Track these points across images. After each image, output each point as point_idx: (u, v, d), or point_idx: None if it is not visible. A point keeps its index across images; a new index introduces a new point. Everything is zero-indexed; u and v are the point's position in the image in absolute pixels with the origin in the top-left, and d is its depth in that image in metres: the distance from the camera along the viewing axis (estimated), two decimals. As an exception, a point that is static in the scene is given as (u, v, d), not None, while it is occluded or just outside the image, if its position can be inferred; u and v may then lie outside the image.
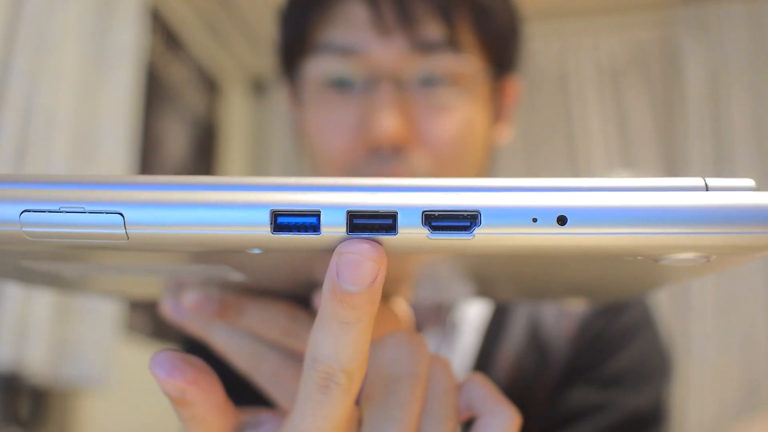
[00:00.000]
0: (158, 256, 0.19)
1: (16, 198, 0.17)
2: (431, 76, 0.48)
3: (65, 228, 0.17)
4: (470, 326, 0.52)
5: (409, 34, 0.47)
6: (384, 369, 0.24)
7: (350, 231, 0.17)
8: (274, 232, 0.17)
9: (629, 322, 0.52)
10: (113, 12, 1.49)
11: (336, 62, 0.48)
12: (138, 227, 0.17)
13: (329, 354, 0.19)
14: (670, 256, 0.17)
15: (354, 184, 0.17)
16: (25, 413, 1.30)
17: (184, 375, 0.22)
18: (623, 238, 0.17)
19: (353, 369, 0.20)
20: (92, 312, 1.34)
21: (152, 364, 0.23)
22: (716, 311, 1.93)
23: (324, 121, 0.50)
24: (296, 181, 0.17)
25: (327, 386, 0.20)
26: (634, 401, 0.49)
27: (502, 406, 0.25)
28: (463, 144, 0.49)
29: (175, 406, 0.23)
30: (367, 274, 0.17)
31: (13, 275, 0.27)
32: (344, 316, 0.18)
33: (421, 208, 0.17)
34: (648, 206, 0.16)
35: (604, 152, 2.12)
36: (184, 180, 0.17)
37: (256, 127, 2.44)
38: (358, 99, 0.48)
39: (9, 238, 0.17)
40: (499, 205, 0.17)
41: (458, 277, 0.25)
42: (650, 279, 0.23)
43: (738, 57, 2.04)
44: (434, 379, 0.24)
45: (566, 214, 0.17)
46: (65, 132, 1.30)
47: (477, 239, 0.17)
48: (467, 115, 0.49)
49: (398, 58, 0.47)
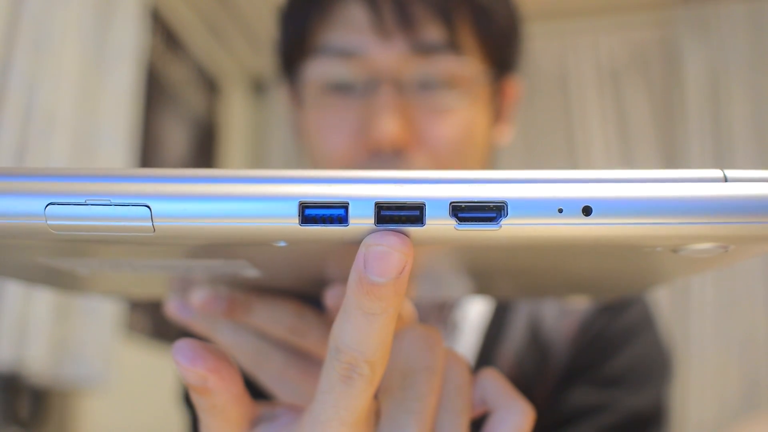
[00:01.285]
0: (179, 250, 0.19)
1: (41, 191, 0.17)
2: (431, 79, 0.48)
3: (91, 221, 0.17)
4: (471, 325, 0.52)
5: (409, 37, 0.47)
6: (402, 362, 0.24)
7: (378, 223, 0.17)
8: (302, 224, 0.17)
9: (630, 322, 0.52)
10: (113, 12, 1.49)
11: (336, 65, 0.48)
12: (165, 219, 0.17)
13: (353, 344, 0.19)
14: (689, 246, 0.18)
15: (382, 176, 0.18)
16: (25, 413, 1.30)
17: (206, 363, 0.22)
18: (646, 228, 0.17)
19: (376, 360, 0.20)
20: (92, 312, 1.34)
21: (175, 352, 0.23)
22: (716, 311, 1.93)
23: (324, 123, 0.50)
24: (324, 174, 0.18)
25: (350, 377, 0.20)
26: (634, 401, 0.49)
27: (516, 400, 0.25)
28: (463, 146, 0.49)
29: (195, 395, 0.23)
30: (395, 265, 0.17)
31: (24, 274, 0.27)
32: (370, 307, 0.18)
33: (448, 199, 0.17)
34: (670, 197, 0.17)
35: (604, 152, 2.12)
36: (211, 173, 0.18)
37: (256, 127, 2.44)
38: (359, 101, 0.48)
39: (33, 232, 0.17)
40: (525, 196, 0.17)
41: (464, 273, 0.25)
42: (665, 271, 0.23)
43: (738, 57, 2.04)
44: (450, 373, 0.25)
45: (591, 205, 0.17)
46: (65, 132, 1.30)
47: (503, 230, 0.17)
48: (467, 117, 0.49)
49: (398, 61, 0.47)
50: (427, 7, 0.47)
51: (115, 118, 1.44)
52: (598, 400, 0.49)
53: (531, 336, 0.52)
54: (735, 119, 2.01)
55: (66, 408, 1.43)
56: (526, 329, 0.52)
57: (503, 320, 0.52)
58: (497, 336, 0.52)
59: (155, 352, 1.71)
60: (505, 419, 0.24)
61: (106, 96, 1.43)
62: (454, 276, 0.26)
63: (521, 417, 0.24)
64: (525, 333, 0.52)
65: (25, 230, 0.17)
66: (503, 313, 0.53)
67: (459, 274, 0.25)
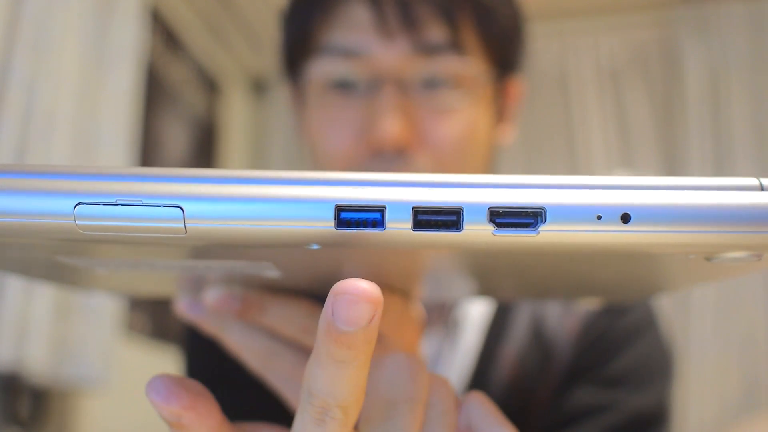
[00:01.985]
0: (206, 251, 0.19)
1: (70, 190, 0.17)
2: (434, 78, 0.48)
3: (121, 221, 0.17)
4: (473, 325, 0.52)
5: (412, 37, 0.47)
6: (383, 392, 0.23)
7: (415, 227, 0.17)
8: (337, 227, 0.17)
9: (633, 323, 0.52)
10: (113, 12, 1.48)
11: (339, 64, 0.48)
12: (197, 221, 0.17)
13: (325, 390, 0.19)
14: (723, 254, 0.18)
15: (419, 180, 0.17)
16: (25, 413, 1.30)
17: (180, 401, 0.22)
18: (683, 237, 0.17)
19: (349, 404, 0.20)
20: (92, 312, 1.34)
21: (148, 389, 0.22)
22: (716, 311, 1.93)
23: (327, 122, 0.50)
24: (361, 177, 0.17)
25: (323, 420, 0.20)
26: (637, 401, 0.49)
27: (501, 426, 0.24)
28: (466, 146, 0.49)
29: (172, 429, 0.23)
30: (363, 315, 0.17)
31: (31, 270, 0.27)
32: (339, 355, 0.18)
33: (486, 204, 0.17)
34: (707, 205, 0.17)
35: (604, 152, 2.12)
36: (245, 174, 0.17)
37: (256, 127, 2.44)
38: (361, 100, 0.48)
39: (61, 232, 0.17)
40: (564, 202, 0.17)
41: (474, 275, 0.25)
42: (690, 277, 0.23)
43: (738, 57, 2.04)
44: (434, 398, 0.24)
45: (630, 212, 0.17)
46: (65, 132, 1.30)
47: (541, 236, 0.17)
48: (470, 117, 0.49)
49: (401, 61, 0.47)
50: (430, 7, 0.47)
51: (115, 118, 1.44)
52: (600, 401, 0.48)
53: (533, 336, 0.52)
54: (735, 119, 2.01)
55: (66, 408, 1.43)
56: (528, 329, 0.52)
57: (505, 320, 0.52)
58: (499, 335, 0.52)
59: (155, 352, 1.71)
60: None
61: (106, 96, 1.43)
62: (463, 277, 0.26)
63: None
64: (527, 333, 0.52)
65: (53, 230, 0.17)
66: (505, 312, 0.53)
67: (469, 276, 0.25)
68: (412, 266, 0.22)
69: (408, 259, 0.20)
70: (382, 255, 0.18)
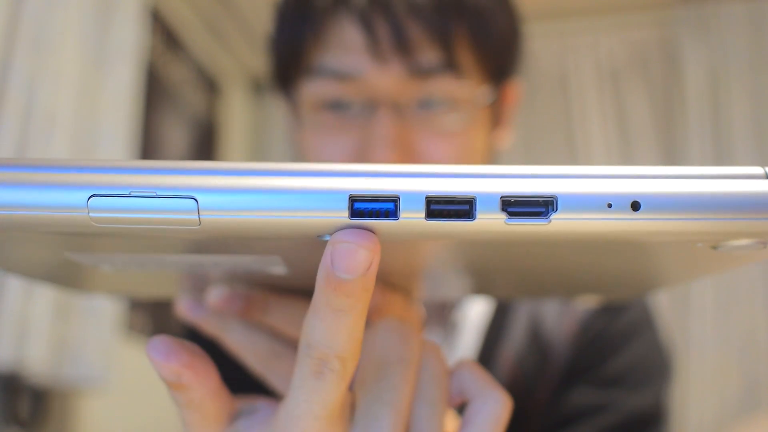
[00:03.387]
0: (218, 244, 0.19)
1: (84, 183, 0.17)
2: (430, 100, 0.47)
3: (134, 213, 0.17)
4: (471, 325, 0.52)
5: (406, 60, 0.46)
6: (376, 354, 0.24)
7: (428, 217, 0.17)
8: (351, 218, 0.17)
9: (629, 323, 0.52)
10: (113, 12, 1.49)
11: (332, 86, 0.47)
12: (211, 212, 0.17)
13: (323, 341, 0.20)
14: (729, 242, 0.18)
15: (432, 170, 0.18)
16: (25, 413, 1.30)
17: (179, 359, 0.23)
18: (691, 224, 0.17)
19: (347, 355, 0.20)
20: (92, 312, 1.34)
21: (149, 348, 0.23)
22: (716, 311, 1.93)
23: (321, 143, 0.49)
24: (374, 168, 0.18)
25: (321, 372, 0.20)
26: (634, 401, 0.49)
27: (493, 390, 0.25)
28: None
29: (172, 390, 0.24)
30: (362, 262, 0.17)
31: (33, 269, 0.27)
32: (338, 303, 0.19)
33: (498, 194, 0.17)
34: (714, 193, 0.17)
35: (604, 152, 2.12)
36: (259, 166, 0.17)
37: (255, 127, 2.44)
38: (356, 122, 0.47)
39: (74, 224, 0.17)
40: (575, 191, 0.17)
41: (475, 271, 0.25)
42: (697, 267, 0.23)
43: (738, 57, 2.04)
44: (426, 364, 0.25)
45: (639, 200, 0.17)
46: (65, 131, 1.30)
47: (552, 225, 0.17)
48: (467, 139, 0.49)
49: (396, 84, 0.46)
50: (423, 28, 0.46)
51: (115, 118, 1.44)
52: (598, 401, 0.49)
53: (531, 336, 0.52)
54: (735, 119, 2.01)
55: (66, 408, 1.43)
56: (526, 329, 0.52)
57: (504, 320, 0.52)
58: (498, 336, 0.52)
59: (155, 352, 1.71)
60: (482, 409, 0.25)
61: (106, 96, 1.43)
62: (467, 273, 0.26)
63: (498, 406, 0.25)
64: (525, 333, 0.52)
65: (67, 222, 0.17)
66: (504, 313, 0.53)
67: (473, 271, 0.25)
68: (420, 259, 0.22)
69: (416, 251, 0.20)
70: (392, 247, 0.19)
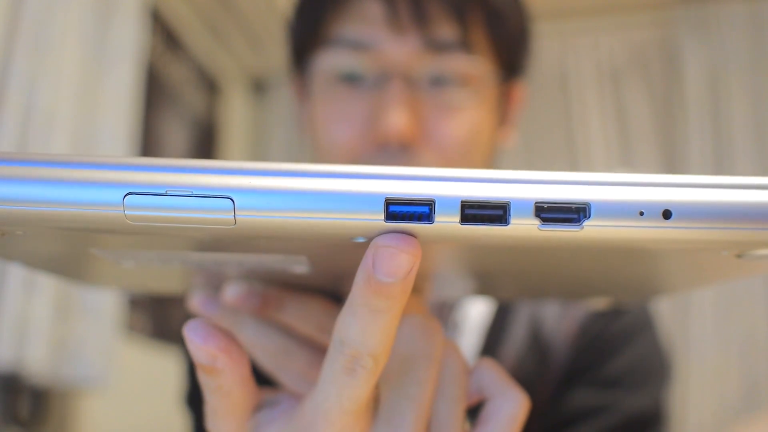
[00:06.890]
0: (248, 243, 0.19)
1: (120, 180, 0.17)
2: (442, 76, 0.48)
3: (170, 212, 0.17)
4: (472, 326, 0.52)
5: (423, 33, 0.47)
6: (400, 349, 0.24)
7: (462, 221, 0.17)
8: (386, 221, 0.17)
9: (629, 324, 0.52)
10: (113, 12, 1.48)
11: (348, 56, 0.48)
12: (247, 213, 0.17)
13: (358, 338, 0.20)
14: (754, 251, 0.18)
15: (467, 175, 0.18)
16: (25, 413, 1.30)
17: (217, 342, 0.23)
18: (721, 233, 0.17)
19: (379, 353, 0.20)
20: (92, 312, 1.34)
21: (188, 329, 0.23)
22: (716, 311, 1.93)
23: (332, 113, 0.50)
24: (411, 171, 0.18)
25: (353, 369, 0.21)
26: (634, 402, 0.49)
27: (511, 389, 0.25)
28: (471, 145, 0.49)
29: (203, 374, 0.24)
30: (403, 267, 0.18)
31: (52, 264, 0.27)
32: (376, 304, 0.19)
33: (533, 200, 0.17)
34: (745, 203, 0.17)
35: (604, 152, 2.12)
36: (296, 167, 0.18)
37: (255, 127, 2.44)
38: (368, 94, 0.48)
39: (109, 221, 0.17)
40: (608, 198, 0.17)
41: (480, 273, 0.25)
42: (718, 273, 0.24)
43: (738, 57, 2.04)
44: (447, 361, 0.25)
45: (671, 209, 0.17)
46: (65, 131, 1.30)
47: (584, 231, 0.17)
48: (476, 116, 0.49)
49: (411, 56, 0.47)
50: (441, 5, 0.47)
51: (115, 118, 1.44)
52: (597, 402, 0.49)
53: (532, 337, 0.52)
54: (735, 119, 2.01)
55: (66, 408, 1.43)
56: (526, 330, 0.52)
57: (504, 321, 0.52)
58: (498, 337, 0.52)
59: (155, 352, 1.71)
60: (500, 407, 0.25)
61: (106, 96, 1.43)
62: (472, 276, 0.26)
63: (516, 405, 0.25)
64: (526, 334, 0.52)
65: (101, 219, 0.17)
66: (504, 314, 0.53)
67: (479, 274, 0.25)
68: (445, 262, 0.22)
69: (444, 254, 0.21)
70: (423, 249, 0.19)
